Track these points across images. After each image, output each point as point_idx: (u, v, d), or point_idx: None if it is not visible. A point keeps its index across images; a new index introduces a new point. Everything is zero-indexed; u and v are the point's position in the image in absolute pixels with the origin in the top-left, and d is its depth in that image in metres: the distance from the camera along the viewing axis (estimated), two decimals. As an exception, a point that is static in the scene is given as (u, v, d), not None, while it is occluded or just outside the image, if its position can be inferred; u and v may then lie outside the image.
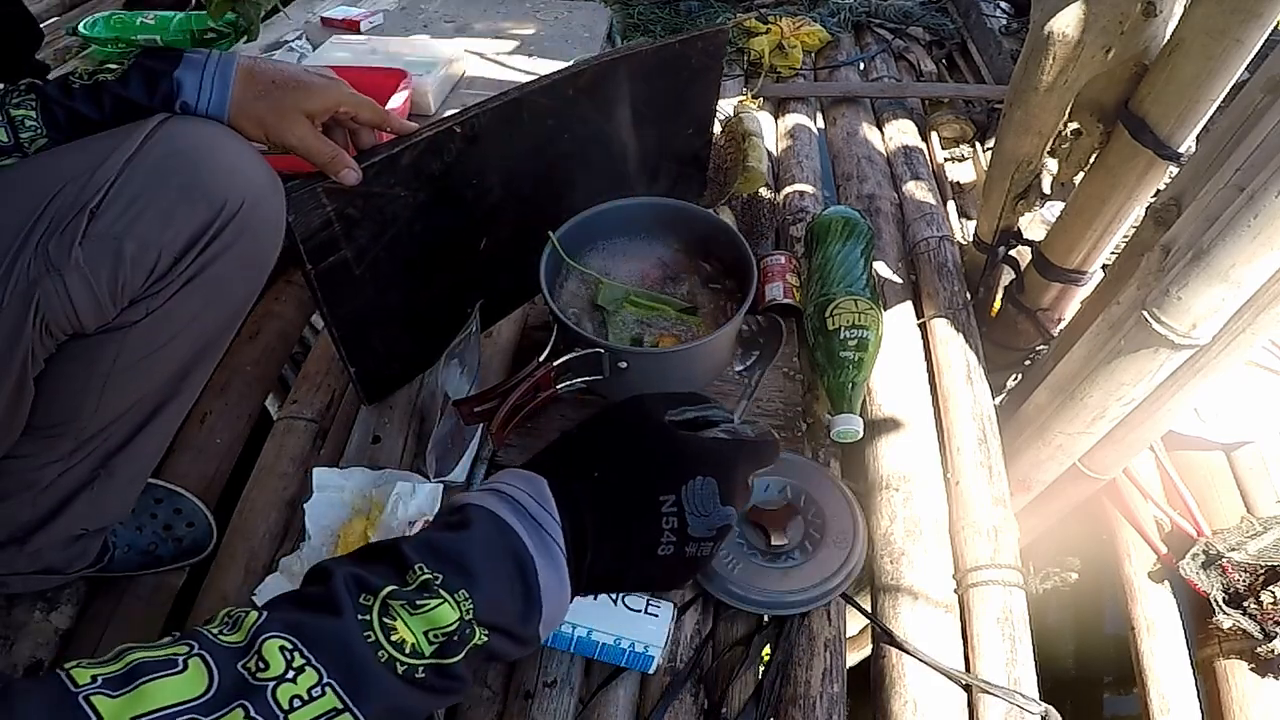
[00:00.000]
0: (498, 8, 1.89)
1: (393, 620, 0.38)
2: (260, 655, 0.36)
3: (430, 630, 0.39)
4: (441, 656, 0.39)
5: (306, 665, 0.36)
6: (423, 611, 0.39)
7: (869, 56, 1.85)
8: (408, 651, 0.38)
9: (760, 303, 1.09)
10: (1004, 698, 0.73)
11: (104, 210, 0.57)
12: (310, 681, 0.36)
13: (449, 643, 0.39)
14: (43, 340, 0.60)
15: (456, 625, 0.39)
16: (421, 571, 0.40)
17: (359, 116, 0.73)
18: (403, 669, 0.38)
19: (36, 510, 0.72)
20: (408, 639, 0.38)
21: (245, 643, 0.36)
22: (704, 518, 0.48)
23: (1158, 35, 0.89)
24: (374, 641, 0.38)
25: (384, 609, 0.38)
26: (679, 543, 0.47)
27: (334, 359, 1.05)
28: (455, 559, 0.41)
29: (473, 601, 0.40)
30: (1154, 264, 0.77)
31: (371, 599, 0.38)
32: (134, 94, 0.64)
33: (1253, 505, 0.99)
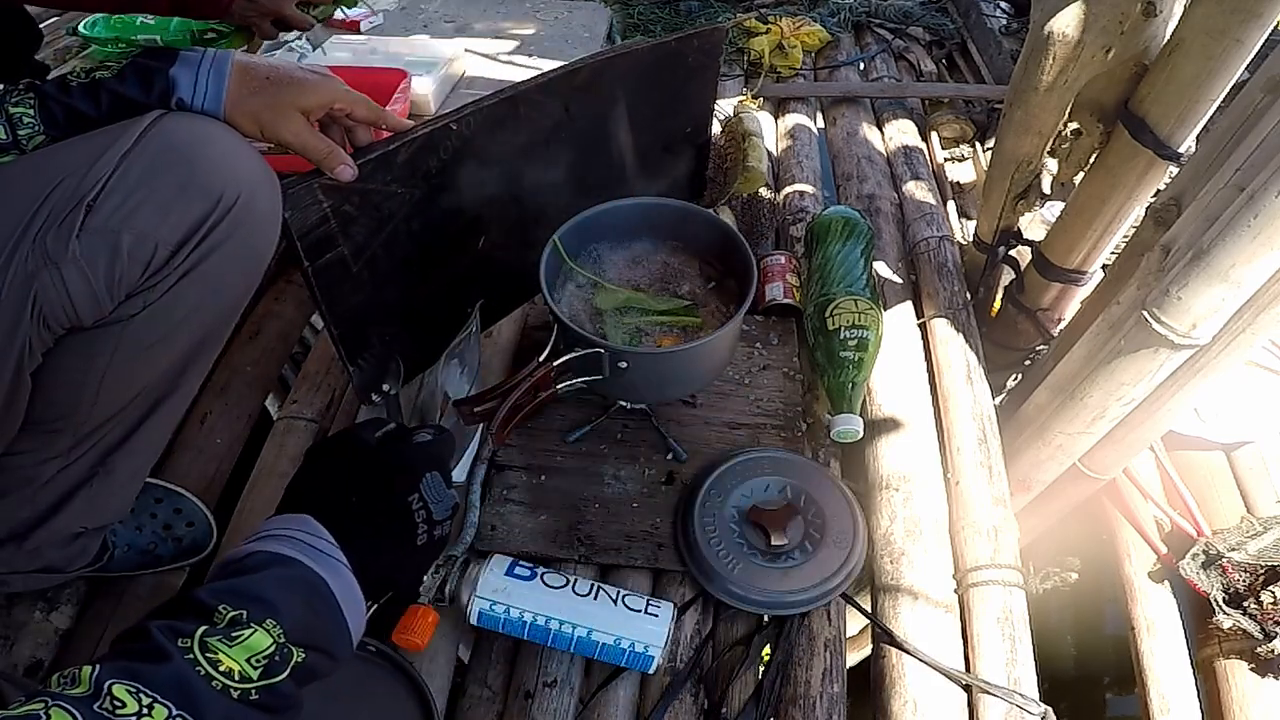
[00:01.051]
0: (498, 8, 1.89)
1: (215, 654, 0.43)
2: (112, 696, 0.39)
3: (251, 656, 0.44)
4: (268, 677, 0.44)
5: (155, 702, 0.40)
6: (239, 642, 0.44)
7: (869, 56, 1.85)
8: (237, 678, 0.43)
9: (760, 303, 1.09)
10: (1004, 698, 0.73)
11: (101, 204, 0.57)
12: (162, 715, 0.39)
13: (271, 664, 0.44)
14: (40, 334, 0.60)
15: (274, 648, 0.45)
16: (226, 610, 0.45)
17: (354, 113, 0.73)
18: (237, 694, 0.43)
19: (35, 507, 0.72)
20: (234, 667, 0.43)
21: (91, 691, 0.39)
22: (441, 503, 0.59)
23: (1158, 35, 0.89)
24: (205, 674, 0.42)
25: (203, 646, 0.43)
26: (429, 529, 0.58)
27: (334, 359, 1.05)
28: (255, 596, 0.46)
29: (282, 627, 0.45)
30: (1154, 264, 0.77)
31: (189, 640, 0.43)
32: (130, 91, 0.64)
33: (1253, 505, 0.99)
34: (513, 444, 0.94)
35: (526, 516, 0.88)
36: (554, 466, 0.92)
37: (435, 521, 0.58)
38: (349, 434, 0.60)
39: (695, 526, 0.83)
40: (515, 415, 0.83)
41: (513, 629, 0.75)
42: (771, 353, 1.06)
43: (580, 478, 0.91)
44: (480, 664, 0.79)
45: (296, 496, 0.57)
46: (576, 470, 0.92)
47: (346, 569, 0.51)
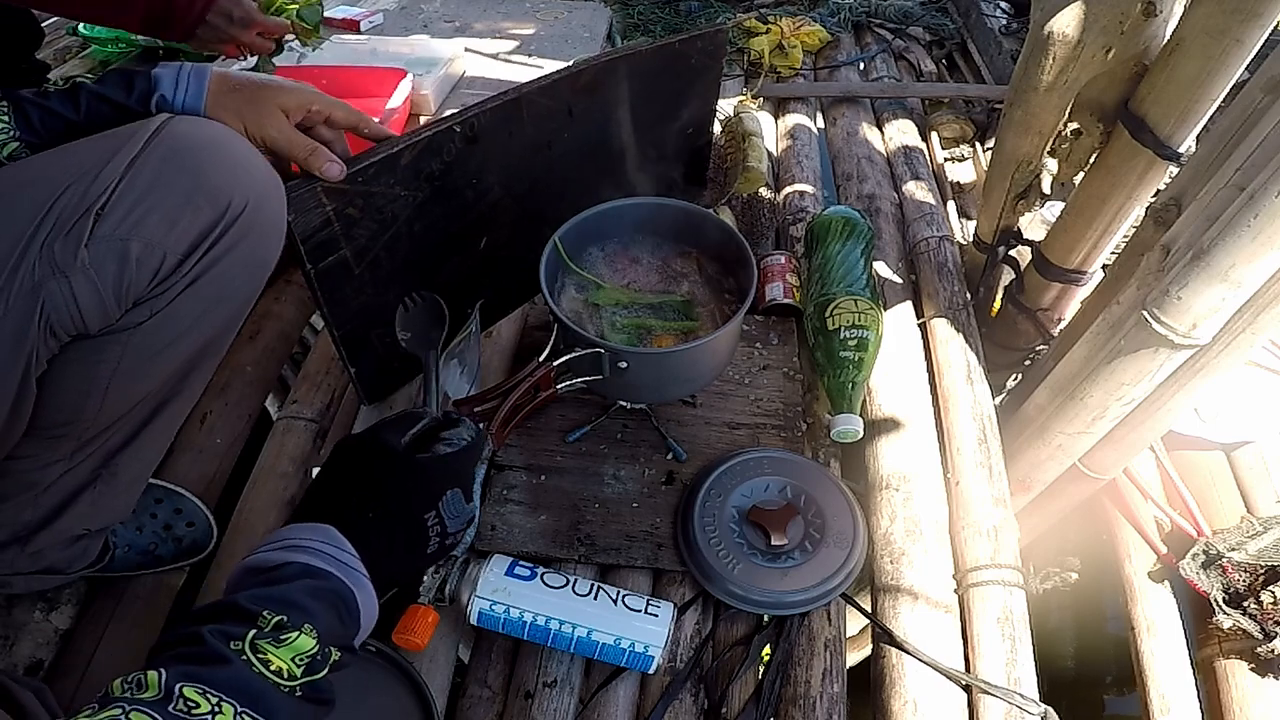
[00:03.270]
0: (498, 8, 1.89)
1: (265, 655, 0.46)
2: (184, 698, 0.42)
3: (296, 656, 0.48)
4: (311, 674, 0.48)
5: (221, 701, 0.43)
6: (287, 644, 0.47)
7: (869, 56, 1.85)
8: (286, 676, 0.47)
9: (760, 303, 1.09)
10: (1004, 698, 0.73)
11: (109, 212, 0.57)
12: (230, 712, 0.43)
13: (313, 662, 0.48)
14: (47, 341, 0.59)
15: (316, 649, 0.48)
16: (270, 616, 0.48)
17: (333, 116, 0.74)
18: (286, 689, 0.47)
19: (38, 510, 0.72)
20: (283, 666, 0.47)
21: (163, 694, 0.42)
22: (458, 517, 0.62)
23: (1158, 35, 0.89)
24: (259, 674, 0.46)
25: (254, 648, 0.46)
26: (442, 539, 0.61)
27: (334, 359, 1.05)
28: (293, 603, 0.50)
29: (318, 631, 0.49)
30: (1154, 264, 0.77)
31: (241, 642, 0.46)
32: (110, 93, 0.65)
33: (1253, 505, 0.99)
34: (513, 444, 0.94)
35: (526, 516, 0.88)
36: (554, 466, 0.93)
37: (448, 533, 0.61)
38: (376, 437, 0.62)
39: (695, 526, 0.83)
40: (515, 415, 0.83)
41: (513, 629, 0.75)
42: (771, 353, 1.06)
43: (580, 478, 0.91)
44: (480, 664, 0.79)
45: (319, 502, 0.59)
46: (576, 470, 0.92)
47: (367, 579, 0.55)
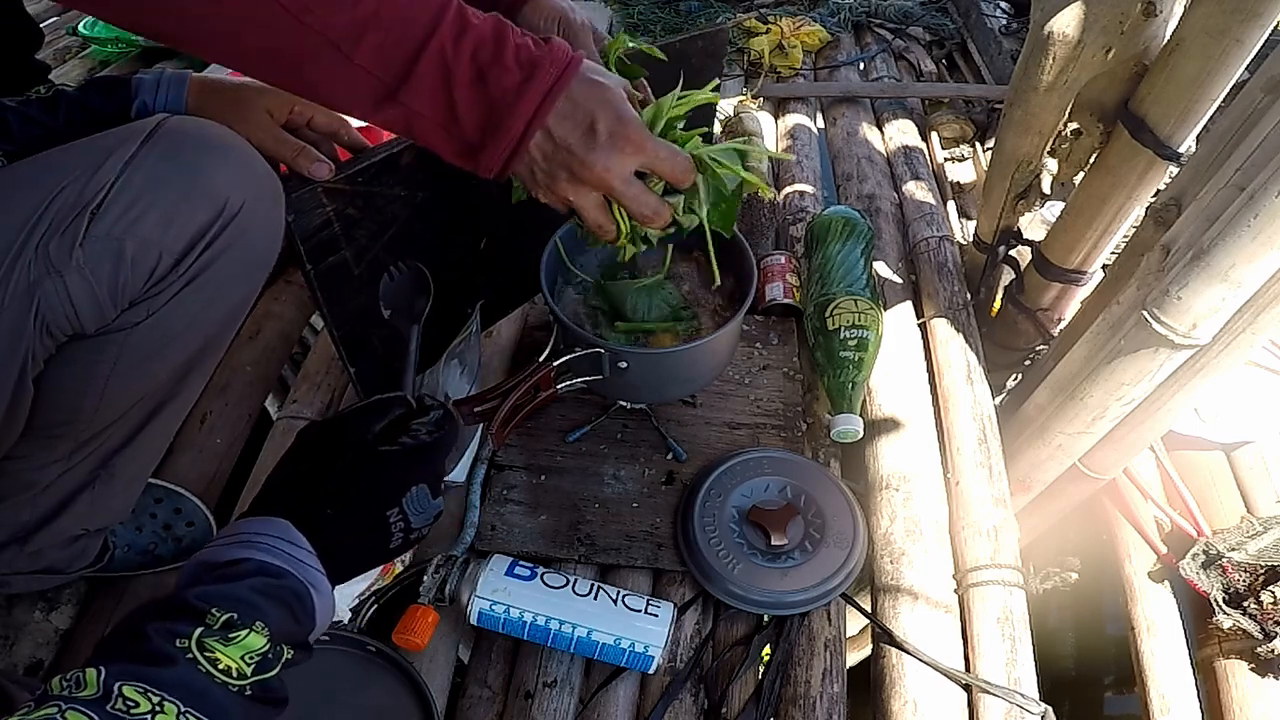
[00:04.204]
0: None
1: (213, 653, 0.45)
2: (124, 696, 0.40)
3: (246, 654, 0.46)
4: (262, 673, 0.46)
5: (164, 700, 0.41)
6: (236, 641, 0.46)
7: (869, 56, 1.85)
8: (234, 675, 0.45)
9: (760, 303, 1.09)
10: (1004, 698, 0.73)
11: (105, 211, 0.57)
12: (173, 711, 0.41)
13: (264, 661, 0.46)
14: (43, 341, 0.59)
15: (268, 646, 0.47)
16: (219, 614, 0.46)
17: (315, 119, 0.74)
18: (235, 689, 0.45)
19: (36, 510, 0.72)
20: (231, 665, 0.45)
21: (101, 693, 0.40)
22: (422, 514, 0.58)
23: (1158, 35, 0.89)
24: (207, 673, 0.44)
25: (201, 646, 0.44)
26: (405, 534, 0.58)
27: (334, 359, 1.05)
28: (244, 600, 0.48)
29: (270, 628, 0.47)
30: (1154, 264, 0.77)
31: (187, 640, 0.44)
32: (90, 100, 0.66)
33: (1253, 505, 0.99)
34: (513, 444, 0.94)
35: (526, 516, 0.88)
36: (554, 466, 0.93)
37: (412, 529, 0.58)
38: (344, 425, 0.59)
39: (695, 526, 0.83)
40: (515, 415, 0.83)
41: (513, 629, 0.75)
42: (771, 353, 1.06)
43: (580, 478, 0.91)
44: (480, 664, 0.79)
45: (278, 493, 0.56)
46: (576, 470, 0.92)
47: (323, 575, 0.53)
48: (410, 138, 0.55)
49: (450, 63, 0.50)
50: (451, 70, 0.51)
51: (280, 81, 0.52)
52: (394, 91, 0.50)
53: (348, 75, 0.49)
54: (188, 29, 0.49)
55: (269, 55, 0.49)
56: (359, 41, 0.48)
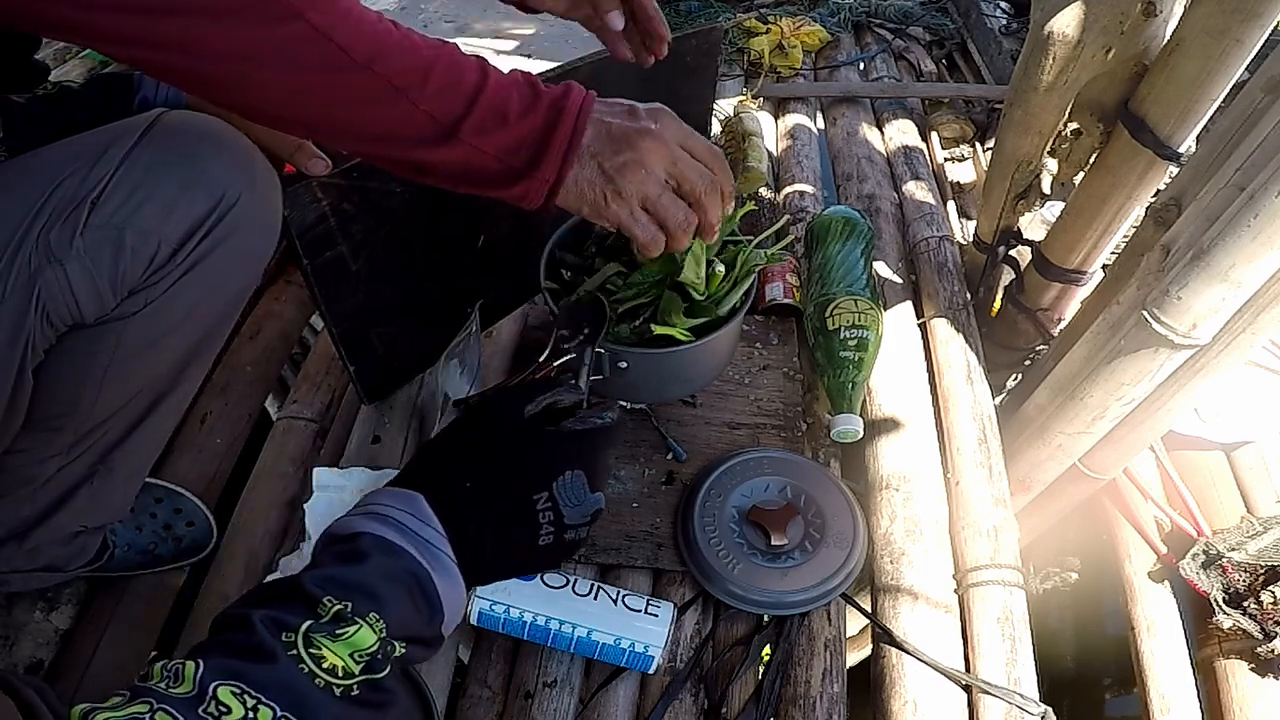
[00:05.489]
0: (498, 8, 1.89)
1: (319, 650, 0.42)
2: (217, 700, 0.38)
3: (354, 652, 0.43)
4: (370, 673, 0.43)
5: (259, 704, 0.39)
6: (344, 638, 0.43)
7: (869, 56, 1.85)
8: (340, 675, 0.42)
9: (760, 303, 1.09)
10: (1004, 698, 0.73)
11: (105, 201, 0.58)
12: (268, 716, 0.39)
13: (374, 660, 0.43)
14: (44, 331, 0.60)
15: (378, 644, 0.43)
16: (331, 603, 0.43)
17: None
18: (339, 690, 0.42)
19: (35, 506, 0.72)
20: (337, 664, 0.42)
21: (196, 692, 0.38)
22: (577, 507, 0.54)
23: (1158, 35, 0.89)
24: (309, 673, 0.41)
25: (307, 641, 0.42)
26: (558, 531, 0.53)
27: (334, 359, 1.05)
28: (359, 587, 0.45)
29: (385, 622, 0.44)
30: (1154, 264, 0.77)
31: (293, 635, 0.42)
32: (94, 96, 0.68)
33: (1253, 505, 0.99)
34: (513, 444, 0.94)
35: (526, 516, 0.87)
36: (554, 466, 0.92)
37: (566, 525, 0.53)
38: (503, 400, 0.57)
39: (695, 526, 0.83)
40: (515, 415, 0.82)
41: (513, 629, 0.75)
42: (771, 353, 1.06)
43: (580, 478, 0.91)
44: (480, 664, 0.79)
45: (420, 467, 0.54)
46: (576, 470, 0.92)
47: (451, 562, 0.49)
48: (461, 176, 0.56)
49: (505, 98, 0.54)
50: (506, 105, 0.54)
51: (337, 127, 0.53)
52: (455, 130, 0.52)
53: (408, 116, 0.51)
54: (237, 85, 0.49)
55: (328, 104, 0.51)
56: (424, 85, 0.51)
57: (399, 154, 0.54)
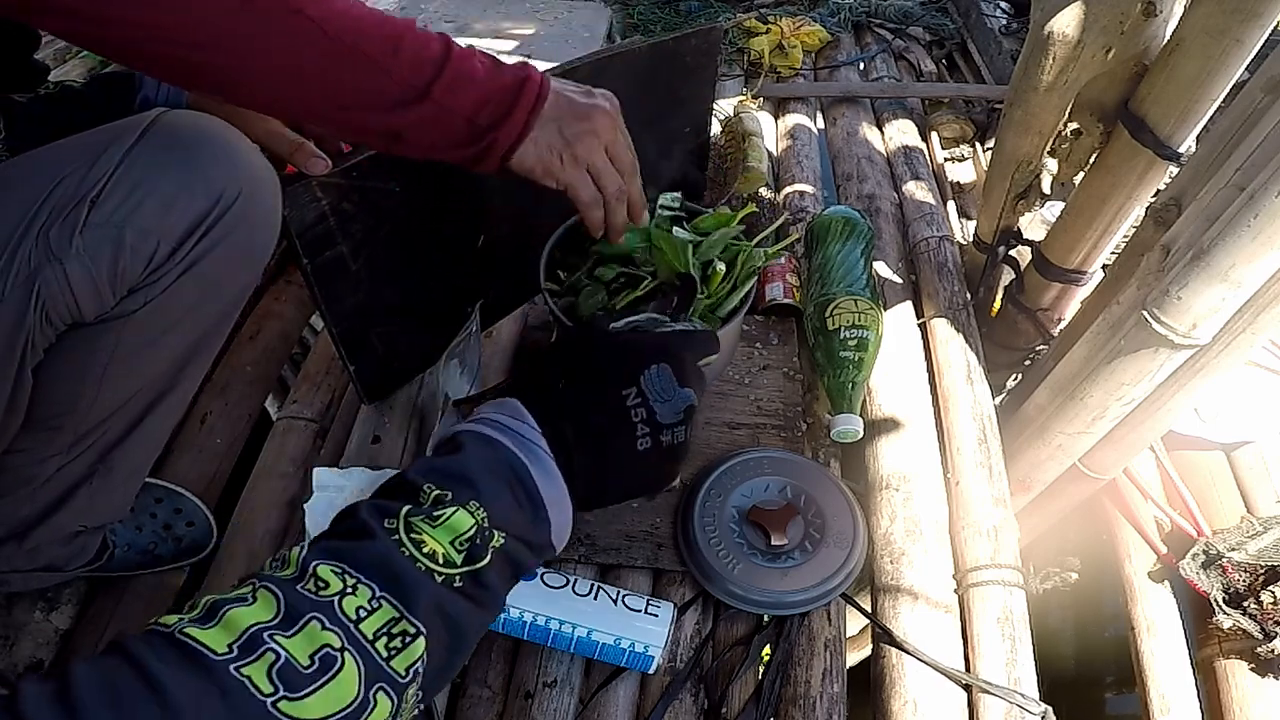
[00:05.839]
0: (498, 8, 1.89)
1: (419, 535, 0.42)
2: (316, 577, 0.39)
3: (454, 539, 0.43)
4: (472, 563, 0.43)
5: (359, 583, 0.40)
6: (442, 522, 0.43)
7: (869, 56, 1.85)
8: (441, 562, 0.42)
9: (760, 303, 1.09)
10: (1004, 698, 0.73)
11: (104, 200, 0.58)
12: (366, 595, 0.39)
13: (473, 547, 0.43)
14: (43, 329, 0.60)
15: (475, 530, 0.43)
16: (431, 490, 0.44)
17: None
18: (441, 579, 0.42)
19: (35, 505, 0.72)
20: (437, 549, 0.42)
21: (297, 572, 0.40)
22: (668, 402, 0.53)
23: (1158, 35, 0.89)
24: (409, 555, 0.41)
25: (408, 526, 0.42)
26: (653, 432, 0.52)
27: (334, 359, 1.05)
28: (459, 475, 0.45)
29: (485, 510, 0.44)
30: (1154, 264, 0.77)
31: (395, 520, 0.42)
32: (95, 95, 0.68)
33: (1253, 505, 0.99)
34: (513, 444, 0.94)
35: (526, 516, 0.87)
36: (554, 466, 0.92)
37: (660, 425, 0.52)
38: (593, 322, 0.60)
39: (695, 526, 0.83)
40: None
41: (513, 629, 0.75)
42: (771, 353, 1.06)
43: (580, 478, 0.91)
44: (480, 664, 0.79)
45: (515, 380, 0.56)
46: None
47: (548, 456, 0.49)
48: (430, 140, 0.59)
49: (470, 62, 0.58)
50: (472, 67, 0.58)
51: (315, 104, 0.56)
52: (427, 90, 0.56)
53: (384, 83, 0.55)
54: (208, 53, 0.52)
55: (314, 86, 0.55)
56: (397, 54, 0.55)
57: (375, 120, 0.57)
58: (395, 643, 0.39)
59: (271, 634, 0.37)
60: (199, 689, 0.34)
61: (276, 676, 0.36)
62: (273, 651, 0.36)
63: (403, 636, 0.39)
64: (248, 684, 0.35)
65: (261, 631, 0.37)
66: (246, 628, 0.37)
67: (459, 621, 0.42)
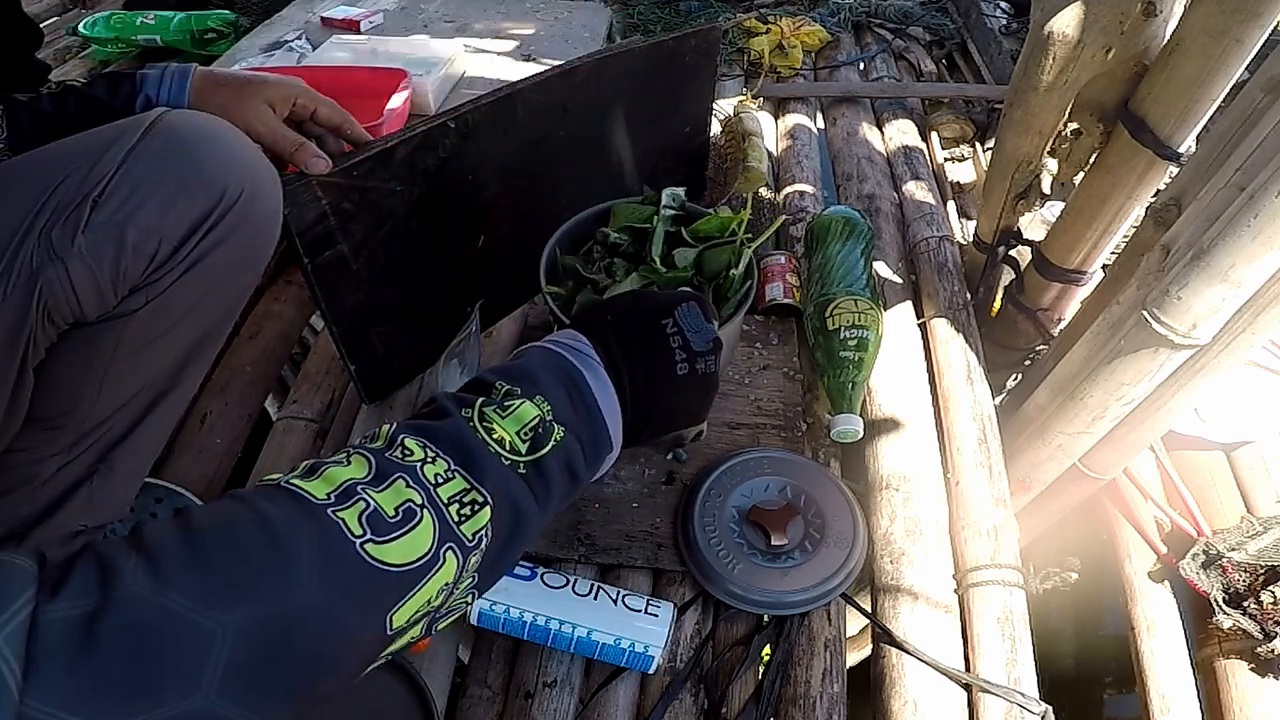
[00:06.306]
0: (498, 8, 1.89)
1: (490, 423, 0.48)
2: (403, 446, 0.45)
3: (520, 429, 0.48)
4: (535, 451, 0.48)
5: (438, 456, 0.45)
6: (511, 412, 0.48)
7: (869, 56, 1.85)
8: (508, 448, 0.47)
9: (760, 303, 1.09)
10: (1004, 697, 0.73)
11: (106, 200, 0.58)
12: (443, 466, 0.45)
13: (537, 436, 0.48)
14: (45, 329, 0.60)
15: (538, 420, 0.49)
16: (502, 386, 0.50)
17: (318, 113, 0.76)
18: (507, 463, 0.47)
19: (35, 505, 0.72)
20: (505, 437, 0.47)
21: (386, 443, 0.46)
22: (699, 333, 0.60)
23: (1158, 35, 0.89)
24: (480, 439, 0.47)
25: (481, 415, 0.48)
26: (689, 359, 0.58)
27: (334, 359, 1.05)
28: (525, 376, 0.51)
29: (549, 404, 0.50)
30: (1154, 264, 0.77)
31: (470, 409, 0.48)
32: (98, 93, 0.68)
33: (1253, 505, 0.99)
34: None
35: (526, 516, 0.87)
36: (554, 466, 0.92)
37: (695, 353, 0.59)
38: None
39: (695, 526, 0.83)
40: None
41: (513, 629, 0.75)
42: (771, 353, 1.06)
43: (580, 478, 0.91)
44: (480, 664, 0.79)
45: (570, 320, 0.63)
46: (576, 470, 0.92)
47: (600, 367, 0.55)
48: None
49: None
50: None
51: None
52: None
53: None
54: None
55: None
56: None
57: None
58: (466, 510, 0.44)
59: (363, 488, 0.42)
60: (301, 524, 0.40)
61: (366, 522, 0.41)
62: (364, 500, 0.42)
63: (473, 505, 0.45)
64: (342, 525, 0.40)
65: (355, 485, 0.42)
66: (343, 481, 0.42)
67: (520, 505, 0.47)
